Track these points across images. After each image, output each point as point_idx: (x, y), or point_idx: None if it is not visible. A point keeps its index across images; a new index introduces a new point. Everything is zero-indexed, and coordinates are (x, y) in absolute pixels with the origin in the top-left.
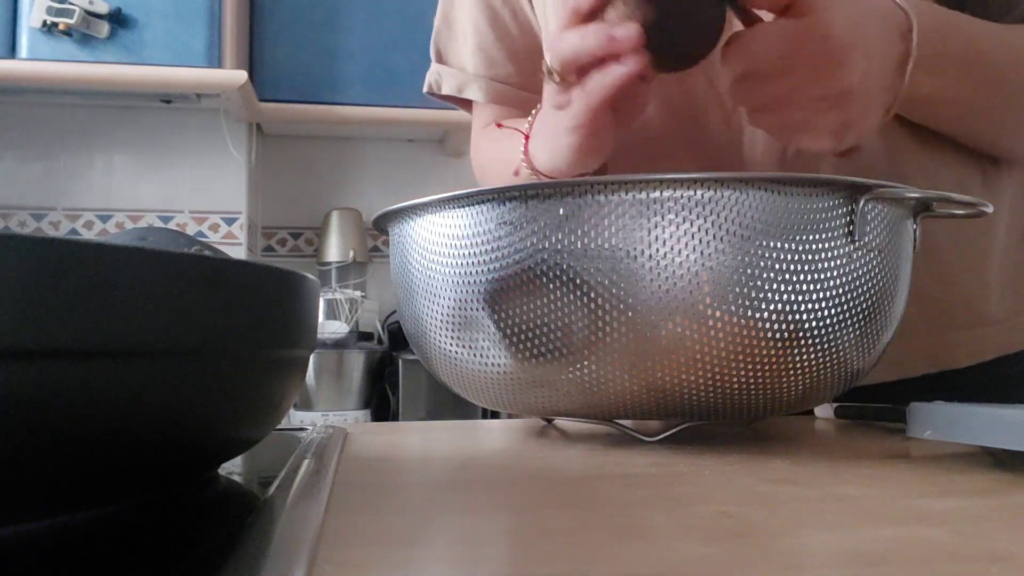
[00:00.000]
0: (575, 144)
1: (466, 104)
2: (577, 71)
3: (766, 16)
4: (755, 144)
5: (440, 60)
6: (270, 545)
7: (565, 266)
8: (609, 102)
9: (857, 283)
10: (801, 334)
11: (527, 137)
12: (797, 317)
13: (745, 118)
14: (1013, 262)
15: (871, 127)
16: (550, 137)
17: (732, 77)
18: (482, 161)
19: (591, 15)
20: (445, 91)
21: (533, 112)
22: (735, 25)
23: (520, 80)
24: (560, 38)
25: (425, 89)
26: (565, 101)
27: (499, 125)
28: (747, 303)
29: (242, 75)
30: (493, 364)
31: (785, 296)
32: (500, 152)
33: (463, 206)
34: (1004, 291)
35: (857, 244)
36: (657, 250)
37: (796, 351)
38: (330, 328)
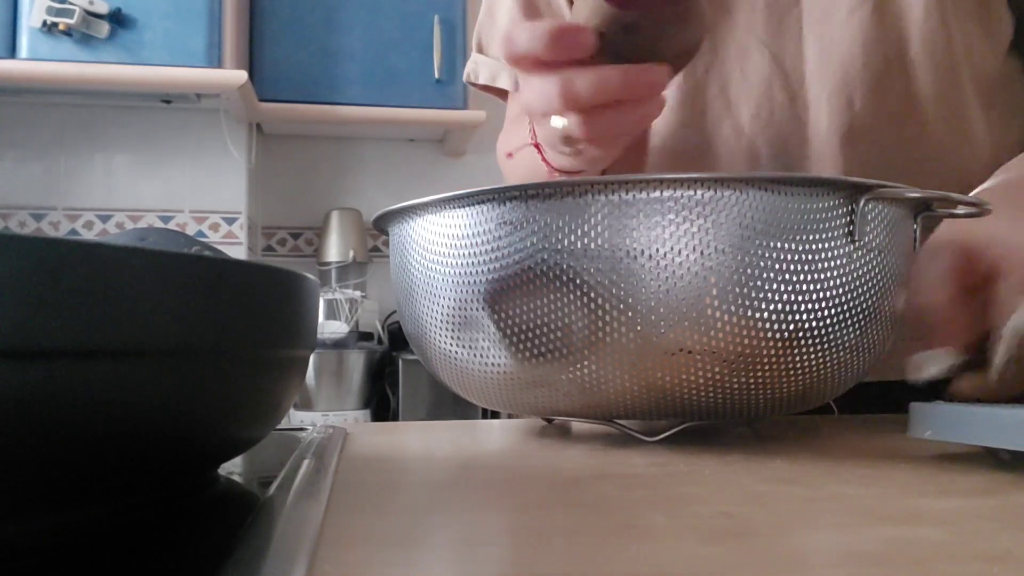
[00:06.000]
0: (578, 161)
1: (502, 94)
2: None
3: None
4: (759, 158)
5: (480, 50)
6: (270, 545)
7: (565, 266)
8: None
9: (857, 283)
10: (801, 334)
11: (537, 146)
12: (797, 317)
13: (754, 130)
14: None
15: None
16: (553, 149)
17: None
18: (506, 151)
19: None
20: (481, 80)
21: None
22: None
23: None
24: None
25: (464, 78)
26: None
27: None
28: (747, 303)
29: (242, 75)
30: (493, 364)
31: (785, 296)
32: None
33: (463, 206)
34: None
35: (857, 244)
36: (657, 250)
37: (796, 351)
38: (330, 328)
